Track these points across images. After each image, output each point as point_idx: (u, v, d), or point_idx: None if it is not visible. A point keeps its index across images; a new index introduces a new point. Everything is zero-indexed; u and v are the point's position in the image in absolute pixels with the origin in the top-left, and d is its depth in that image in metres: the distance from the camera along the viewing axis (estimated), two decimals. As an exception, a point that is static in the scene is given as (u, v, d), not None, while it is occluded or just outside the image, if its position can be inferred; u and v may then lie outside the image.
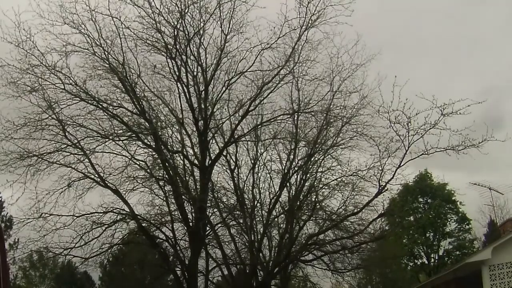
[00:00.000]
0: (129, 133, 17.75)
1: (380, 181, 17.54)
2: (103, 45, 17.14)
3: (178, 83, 18.40)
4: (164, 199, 18.82)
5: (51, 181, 16.86)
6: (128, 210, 17.49)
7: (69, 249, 17.31)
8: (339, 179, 19.48)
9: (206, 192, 18.33)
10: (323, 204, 19.83)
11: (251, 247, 19.69)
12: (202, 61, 18.29)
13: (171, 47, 17.74)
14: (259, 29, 17.44)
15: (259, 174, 21.11)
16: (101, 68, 17.31)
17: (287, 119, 19.36)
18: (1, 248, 5.06)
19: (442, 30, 64.45)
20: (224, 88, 18.40)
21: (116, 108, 17.66)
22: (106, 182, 17.48)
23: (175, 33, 17.48)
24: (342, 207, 19.69)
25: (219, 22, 17.75)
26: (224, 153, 19.88)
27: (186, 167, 19.28)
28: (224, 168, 20.94)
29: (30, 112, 16.59)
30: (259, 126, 19.64)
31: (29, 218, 16.63)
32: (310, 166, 19.87)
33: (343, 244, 19.96)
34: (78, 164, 17.26)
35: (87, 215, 17.24)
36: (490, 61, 69.84)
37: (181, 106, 18.59)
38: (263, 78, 18.24)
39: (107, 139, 17.48)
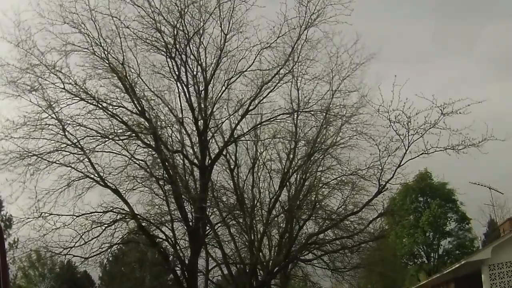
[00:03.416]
0: (129, 133, 17.72)
1: (380, 181, 17.58)
2: (102, 45, 17.14)
3: (177, 82, 18.41)
4: (164, 198, 18.78)
5: (50, 180, 16.82)
6: (128, 210, 17.46)
7: (69, 249, 17.25)
8: (338, 179, 19.47)
9: (205, 192, 18.32)
10: (323, 203, 19.83)
11: (251, 246, 19.69)
12: (201, 61, 18.30)
13: (171, 47, 17.74)
14: (259, 28, 17.49)
15: (259, 174, 21.10)
16: (101, 68, 17.31)
17: (287, 119, 19.35)
18: (1, 248, 5.04)
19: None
20: (223, 88, 18.42)
21: (116, 107, 17.63)
22: (106, 181, 17.43)
23: (175, 32, 17.49)
24: (342, 207, 19.69)
25: (218, 22, 17.79)
26: (224, 152, 19.86)
27: (186, 166, 19.27)
28: (224, 167, 20.93)
29: (30, 112, 16.57)
30: (259, 125, 19.63)
31: (28, 218, 16.56)
32: (310, 166, 19.85)
33: (343, 244, 19.96)
34: (77, 164, 17.20)
35: (87, 215, 17.19)
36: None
37: (180, 105, 18.61)
38: (262, 78, 18.27)
39: (106, 139, 17.44)
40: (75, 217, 17.04)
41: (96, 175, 17.31)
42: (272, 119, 19.06)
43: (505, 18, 77.84)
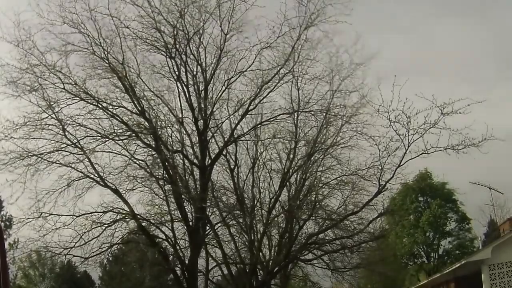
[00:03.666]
0: (129, 133, 17.71)
1: (380, 181, 17.59)
2: (102, 45, 17.12)
3: (177, 82, 18.40)
4: (164, 198, 18.78)
5: (50, 180, 16.83)
6: (128, 210, 17.46)
7: (69, 249, 17.26)
8: (339, 179, 19.47)
9: (205, 192, 18.32)
10: (323, 203, 19.81)
11: (251, 246, 19.68)
12: (201, 61, 18.29)
13: (171, 47, 17.74)
14: (259, 28, 17.52)
15: (259, 174, 21.08)
16: (100, 68, 17.29)
17: (287, 118, 19.36)
18: (1, 248, 5.04)
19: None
20: (223, 88, 18.41)
21: (115, 107, 17.63)
22: (106, 181, 17.43)
23: (175, 32, 17.48)
24: (342, 207, 19.68)
25: (218, 22, 17.77)
26: (224, 152, 19.86)
27: (185, 166, 19.26)
28: (224, 167, 20.93)
29: (30, 112, 16.57)
30: (259, 125, 19.62)
31: (28, 218, 16.58)
32: (310, 166, 19.84)
33: (343, 244, 19.96)
34: (77, 164, 17.20)
35: (87, 215, 17.20)
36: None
37: (180, 105, 18.60)
38: (262, 77, 18.26)
39: (107, 139, 17.45)
40: (75, 217, 17.06)
41: (96, 175, 17.32)
42: (272, 119, 19.07)
43: (505, 19, 77.86)
